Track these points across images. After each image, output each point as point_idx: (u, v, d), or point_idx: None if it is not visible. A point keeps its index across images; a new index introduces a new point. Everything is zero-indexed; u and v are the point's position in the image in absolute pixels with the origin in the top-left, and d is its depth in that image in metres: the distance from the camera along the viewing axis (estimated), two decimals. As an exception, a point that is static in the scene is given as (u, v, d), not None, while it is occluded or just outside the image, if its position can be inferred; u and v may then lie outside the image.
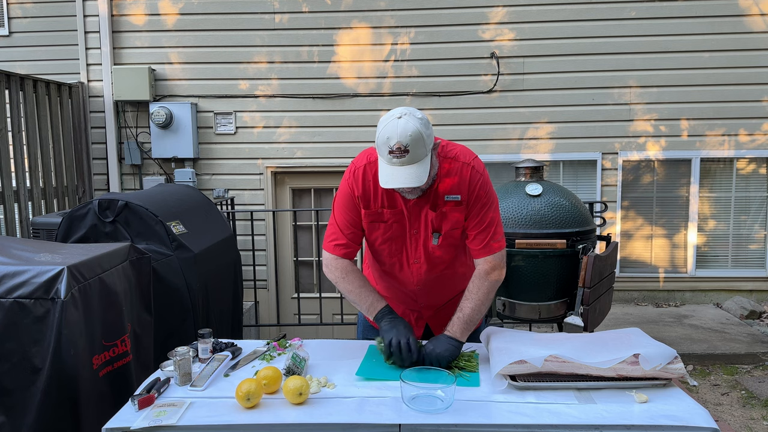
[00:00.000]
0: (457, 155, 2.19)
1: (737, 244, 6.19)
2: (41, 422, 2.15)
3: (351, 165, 2.29)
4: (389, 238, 2.27)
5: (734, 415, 4.01)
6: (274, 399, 1.86)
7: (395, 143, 1.95)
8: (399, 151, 1.96)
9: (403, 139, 1.95)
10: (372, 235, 2.29)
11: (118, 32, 6.13)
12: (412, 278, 2.33)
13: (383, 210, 2.23)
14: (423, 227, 2.23)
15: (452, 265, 2.33)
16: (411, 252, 2.29)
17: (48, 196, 5.54)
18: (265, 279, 6.27)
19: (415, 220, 2.23)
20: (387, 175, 2.00)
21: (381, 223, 2.25)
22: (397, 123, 1.96)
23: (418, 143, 1.97)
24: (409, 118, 1.97)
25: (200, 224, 3.68)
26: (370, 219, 2.25)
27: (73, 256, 2.36)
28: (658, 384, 1.89)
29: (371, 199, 2.22)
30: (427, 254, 2.27)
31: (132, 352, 2.59)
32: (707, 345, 5.02)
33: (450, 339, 2.10)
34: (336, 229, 2.30)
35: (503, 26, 5.98)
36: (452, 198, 2.18)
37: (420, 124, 1.97)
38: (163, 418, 1.72)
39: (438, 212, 2.20)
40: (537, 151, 6.08)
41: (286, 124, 6.16)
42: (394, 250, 2.30)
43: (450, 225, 2.22)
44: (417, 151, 1.97)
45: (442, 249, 2.26)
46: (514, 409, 1.77)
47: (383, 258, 2.34)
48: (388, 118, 2.00)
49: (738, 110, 5.96)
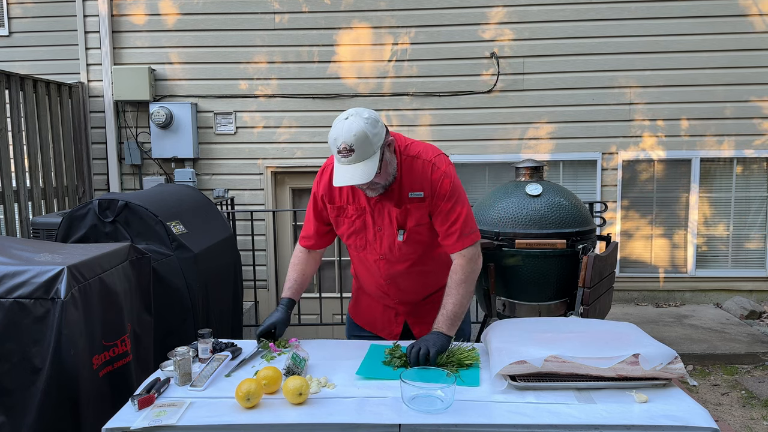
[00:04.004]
0: (420, 153, 2.28)
1: (737, 244, 6.19)
2: (41, 422, 2.15)
3: (323, 164, 2.42)
4: (353, 232, 2.38)
5: (734, 415, 4.01)
6: (274, 399, 1.86)
7: (341, 143, 2.05)
8: (345, 151, 2.06)
9: (348, 138, 2.04)
10: (339, 230, 2.43)
11: (118, 32, 6.13)
12: (380, 273, 2.42)
13: (347, 206, 2.35)
14: (387, 224, 2.31)
15: (420, 262, 2.38)
16: (376, 248, 2.36)
17: (48, 196, 5.54)
18: (265, 279, 6.27)
19: (379, 217, 2.31)
20: (337, 174, 2.12)
21: (345, 218, 2.38)
22: (344, 124, 2.06)
23: (364, 143, 2.05)
24: (355, 119, 2.06)
25: (200, 224, 3.68)
26: (335, 214, 2.39)
27: (73, 256, 2.36)
28: (658, 384, 1.89)
29: (336, 195, 2.35)
30: (392, 251, 2.35)
31: (132, 352, 2.60)
32: (707, 345, 5.02)
33: (435, 333, 2.15)
34: (305, 224, 2.52)
35: (503, 26, 5.98)
36: (415, 195, 2.26)
37: (365, 124, 2.06)
38: (163, 418, 1.73)
39: (402, 209, 2.27)
40: (537, 151, 6.08)
41: (286, 124, 6.16)
42: (359, 244, 2.40)
43: (414, 221, 2.28)
44: (363, 150, 2.06)
45: (407, 245, 2.33)
46: (514, 409, 1.77)
47: (352, 252, 2.48)
48: (338, 119, 2.11)
49: (738, 110, 5.96)
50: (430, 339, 2.10)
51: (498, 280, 3.81)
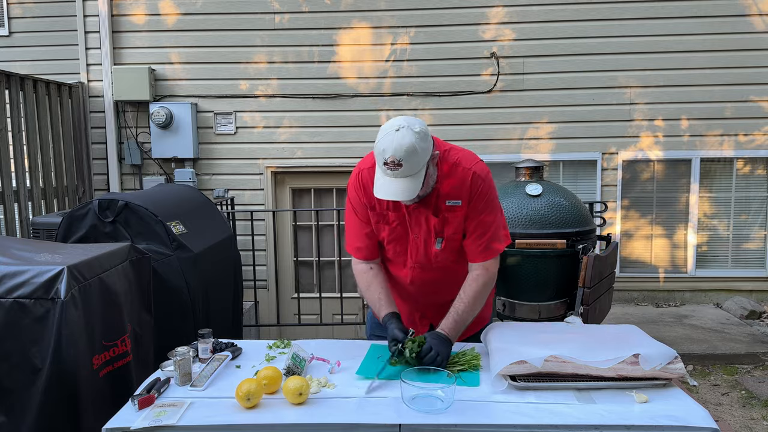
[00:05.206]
0: (459, 160, 2.22)
1: (737, 244, 6.19)
2: (41, 422, 2.15)
3: (357, 167, 2.34)
4: (394, 239, 2.32)
5: (734, 415, 4.01)
6: (274, 399, 1.87)
7: (390, 156, 1.99)
8: (393, 164, 2.00)
9: (398, 153, 1.98)
10: (380, 235, 2.35)
11: (118, 32, 6.13)
12: (412, 279, 2.37)
13: (387, 212, 2.28)
14: (425, 232, 2.26)
15: (453, 269, 2.34)
16: (412, 254, 2.32)
17: (48, 196, 5.54)
18: (265, 279, 6.27)
19: (416, 225, 2.26)
20: (380, 186, 2.07)
21: (386, 224, 2.31)
22: (394, 136, 1.99)
23: (413, 158, 1.99)
24: (407, 132, 1.99)
25: (200, 224, 3.68)
26: (376, 220, 2.31)
27: (73, 256, 2.36)
28: (658, 384, 1.89)
29: (376, 201, 2.25)
30: (427, 258, 2.30)
31: (132, 352, 2.60)
32: (707, 345, 5.02)
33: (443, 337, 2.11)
34: (352, 232, 2.38)
35: (503, 26, 5.97)
36: (453, 203, 2.21)
37: (416, 139, 1.99)
38: (163, 418, 1.73)
39: (440, 217, 2.22)
40: (537, 151, 6.08)
41: (286, 124, 6.16)
42: (399, 250, 2.35)
43: (452, 230, 2.24)
44: (411, 165, 2.00)
45: (443, 253, 2.29)
46: (515, 410, 1.77)
47: (389, 256, 2.40)
48: (387, 129, 2.03)
49: (738, 110, 5.96)
50: (441, 345, 2.05)
51: (498, 280, 3.78)
